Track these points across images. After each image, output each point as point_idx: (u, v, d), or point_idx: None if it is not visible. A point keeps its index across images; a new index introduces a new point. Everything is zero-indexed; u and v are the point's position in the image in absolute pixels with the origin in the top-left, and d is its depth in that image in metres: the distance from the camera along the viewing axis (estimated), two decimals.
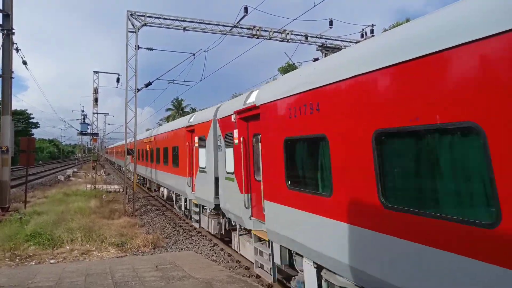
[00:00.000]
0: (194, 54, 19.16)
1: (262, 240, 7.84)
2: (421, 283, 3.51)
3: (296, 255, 6.27)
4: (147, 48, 18.64)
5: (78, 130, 35.26)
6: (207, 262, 9.30)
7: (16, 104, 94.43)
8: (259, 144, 7.45)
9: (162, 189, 19.57)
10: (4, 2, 16.55)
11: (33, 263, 9.54)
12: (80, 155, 70.66)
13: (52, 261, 9.78)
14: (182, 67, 68.84)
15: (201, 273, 7.92)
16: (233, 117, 8.61)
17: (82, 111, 45.90)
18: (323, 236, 5.11)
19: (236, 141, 8.52)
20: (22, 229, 11.85)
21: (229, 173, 9.15)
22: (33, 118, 78.94)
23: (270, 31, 18.78)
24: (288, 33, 19.08)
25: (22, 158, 17.99)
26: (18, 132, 48.77)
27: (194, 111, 51.69)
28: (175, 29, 17.42)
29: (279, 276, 7.27)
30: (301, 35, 19.53)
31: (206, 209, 11.86)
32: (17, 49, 18.09)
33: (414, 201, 3.73)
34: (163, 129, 19.02)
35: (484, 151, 2.99)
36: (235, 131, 8.54)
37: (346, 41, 20.39)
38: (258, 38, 18.47)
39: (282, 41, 19.26)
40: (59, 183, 31.58)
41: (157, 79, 20.96)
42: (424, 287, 3.49)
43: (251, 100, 7.75)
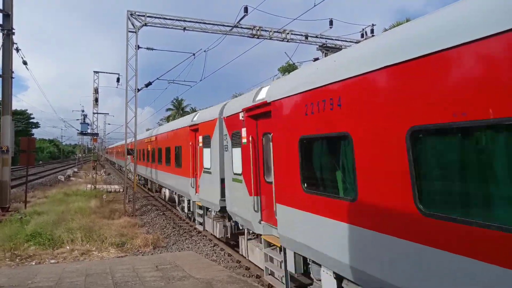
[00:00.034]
0: (194, 54, 19.20)
1: (272, 245, 7.41)
2: None
3: (312, 263, 5.87)
4: (147, 48, 18.65)
5: (78, 130, 35.30)
6: (207, 262, 9.30)
7: (16, 104, 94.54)
8: (269, 144, 6.98)
9: (164, 190, 19.34)
10: (4, 2, 16.55)
11: (33, 263, 9.55)
12: (80, 155, 70.77)
13: (52, 261, 9.79)
14: (182, 67, 68.93)
15: (201, 273, 7.92)
16: (241, 115, 8.14)
17: (82, 111, 45.77)
18: (344, 244, 4.62)
19: (244, 140, 8.05)
20: (22, 229, 11.86)
21: (236, 174, 8.64)
22: (33, 118, 79.20)
23: (270, 31, 18.77)
24: (288, 33, 19.08)
25: (22, 158, 18.02)
26: (18, 132, 48.73)
27: (194, 111, 51.59)
28: (175, 29, 17.42)
29: (291, 285, 6.68)
30: (301, 35, 19.53)
31: (210, 211, 11.43)
32: (17, 49, 18.10)
33: (459, 207, 3.29)
34: (164, 129, 18.69)
35: None
36: (243, 129, 8.06)
37: (346, 41, 20.39)
38: (258, 38, 18.46)
39: (282, 41, 19.25)
40: (59, 183, 31.62)
41: (157, 79, 21.01)
42: None
43: (261, 96, 7.27)
